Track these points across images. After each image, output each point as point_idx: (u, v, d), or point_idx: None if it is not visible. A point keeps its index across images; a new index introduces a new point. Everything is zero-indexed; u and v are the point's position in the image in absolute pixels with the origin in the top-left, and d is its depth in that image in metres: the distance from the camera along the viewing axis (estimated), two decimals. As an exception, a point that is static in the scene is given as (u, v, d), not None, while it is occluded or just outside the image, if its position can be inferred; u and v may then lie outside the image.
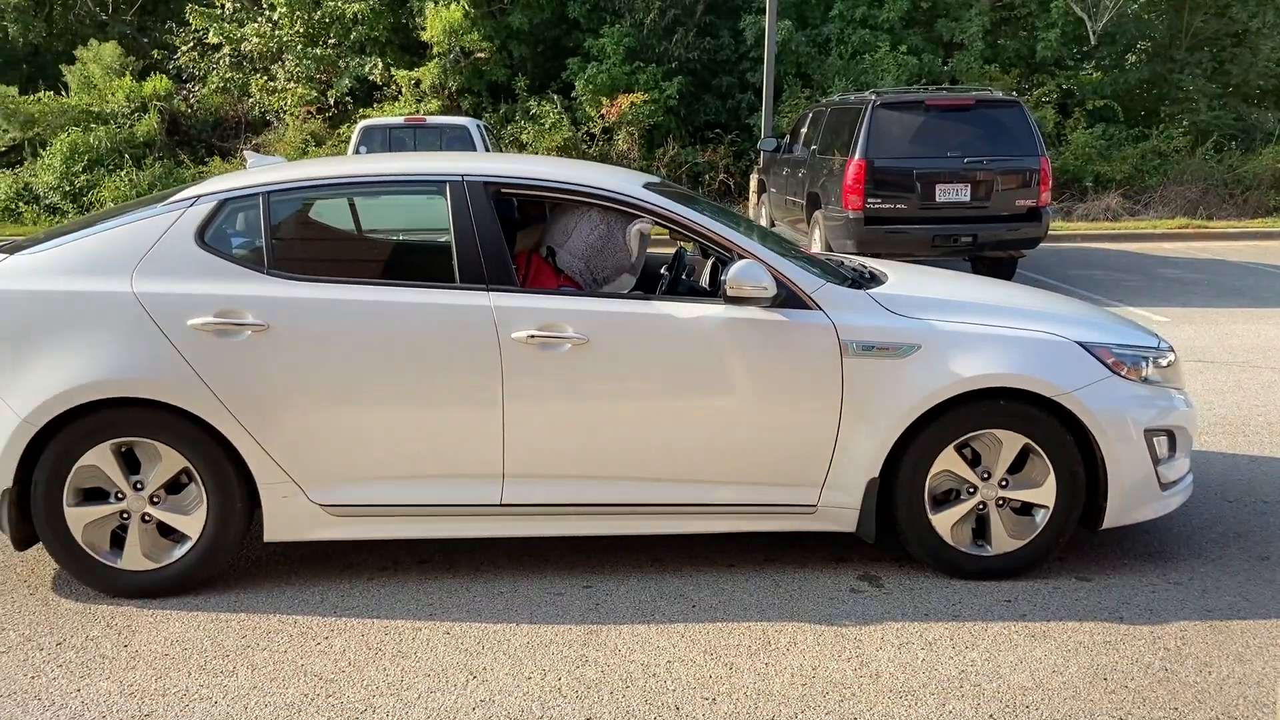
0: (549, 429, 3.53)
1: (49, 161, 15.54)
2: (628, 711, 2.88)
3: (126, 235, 3.56)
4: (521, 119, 16.38)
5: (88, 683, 3.03)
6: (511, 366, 3.47)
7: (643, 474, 3.58)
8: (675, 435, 3.56)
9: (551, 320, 3.48)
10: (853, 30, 17.26)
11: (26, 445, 3.41)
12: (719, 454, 3.58)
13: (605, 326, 3.51)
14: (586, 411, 3.53)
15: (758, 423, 3.56)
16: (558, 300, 3.54)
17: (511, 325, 3.47)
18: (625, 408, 3.54)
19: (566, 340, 3.47)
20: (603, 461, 3.56)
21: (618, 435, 3.54)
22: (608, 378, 3.52)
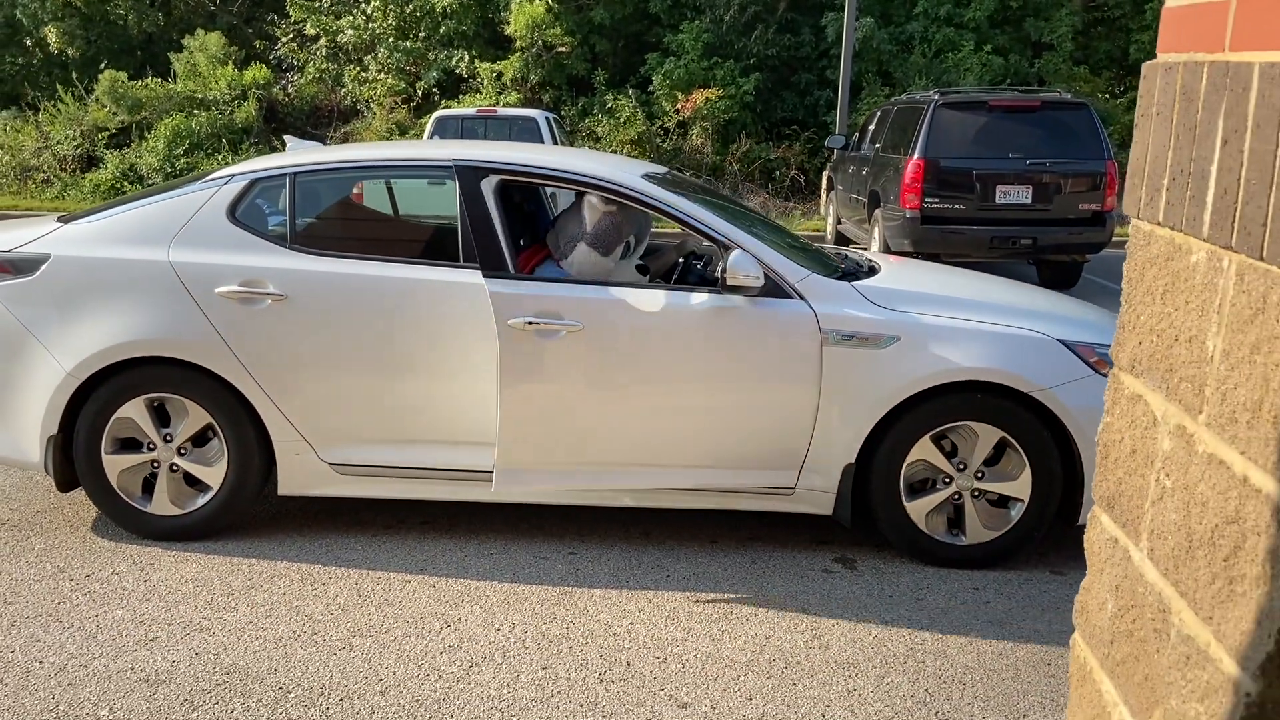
0: (541, 407, 3.68)
1: (153, 144, 16.38)
2: (582, 664, 3.07)
3: (167, 209, 3.89)
4: (598, 112, 16.65)
5: (105, 610, 3.35)
6: (508, 346, 3.61)
7: (628, 458, 3.73)
8: (660, 419, 3.70)
9: (548, 306, 3.64)
10: (937, 28, 17.05)
11: (70, 397, 3.77)
12: (702, 437, 3.72)
13: (597, 313, 3.65)
14: (575, 394, 3.67)
15: (740, 407, 3.69)
16: (555, 286, 3.73)
17: (509, 309, 3.60)
18: (612, 392, 3.68)
19: (562, 326, 3.64)
20: (589, 443, 3.69)
21: (604, 418, 3.69)
22: (598, 361, 3.66)
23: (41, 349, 3.76)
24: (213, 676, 2.97)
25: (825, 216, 13.74)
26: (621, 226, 4.07)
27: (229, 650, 3.12)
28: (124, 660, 3.05)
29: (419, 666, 3.04)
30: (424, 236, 4.50)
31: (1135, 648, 1.40)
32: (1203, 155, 1.22)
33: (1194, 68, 1.25)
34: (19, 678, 2.95)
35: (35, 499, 4.28)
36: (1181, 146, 1.28)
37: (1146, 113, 1.38)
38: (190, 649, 3.12)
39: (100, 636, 3.19)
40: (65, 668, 3.01)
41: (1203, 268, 1.22)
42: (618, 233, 4.06)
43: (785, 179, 16.06)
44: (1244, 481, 1.11)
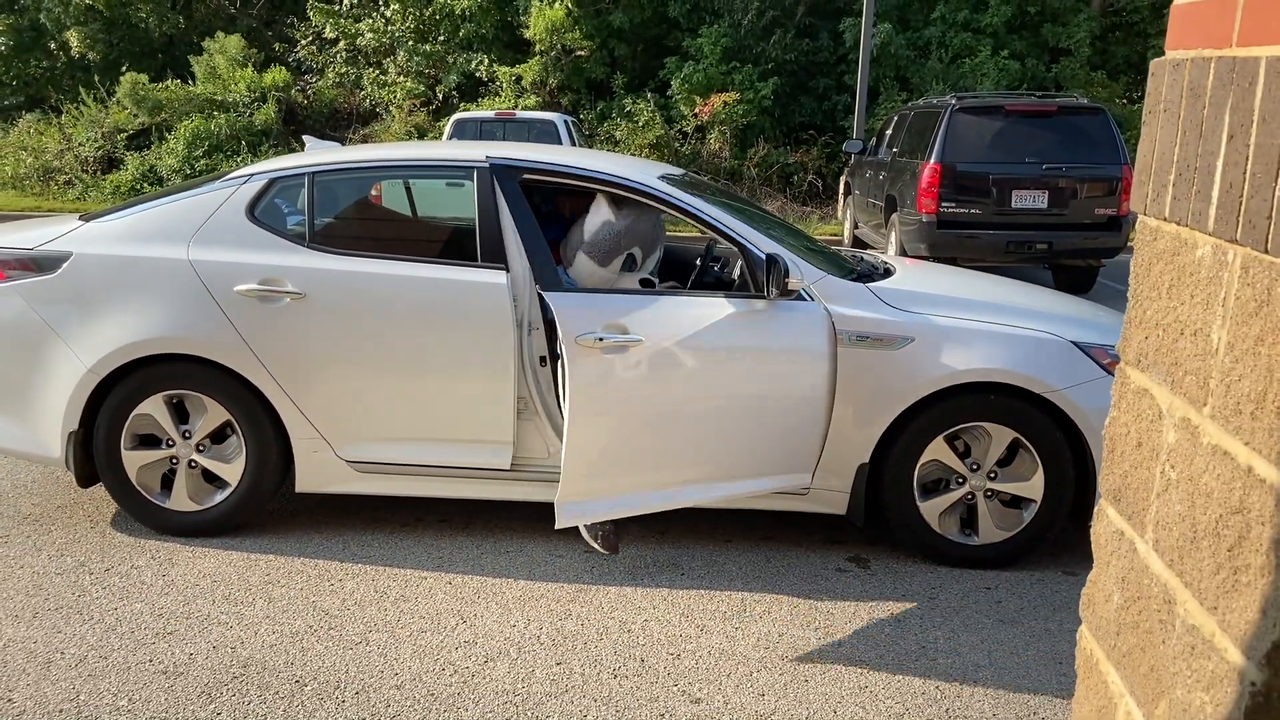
0: (608, 429, 3.47)
1: (173, 146, 16.53)
2: (596, 660, 3.09)
3: (186, 208, 3.94)
4: (617, 116, 16.69)
5: (124, 603, 3.40)
6: (578, 365, 3.37)
7: (681, 474, 3.60)
8: (706, 429, 3.57)
9: (613, 320, 3.49)
10: (954, 34, 17.02)
11: (91, 393, 3.82)
12: (737, 444, 3.60)
13: (654, 324, 3.52)
14: (641, 412, 3.50)
15: (763, 410, 3.63)
16: (615, 298, 3.60)
17: (578, 325, 3.40)
18: (670, 406, 3.54)
19: (627, 341, 3.49)
20: (649, 462, 3.54)
21: (662, 434, 3.54)
22: (658, 375, 3.52)
23: (63, 346, 3.81)
24: (230, 669, 3.01)
25: (842, 221, 13.73)
26: (621, 238, 3.97)
27: (246, 644, 3.15)
28: (143, 652, 3.09)
29: (434, 661, 3.07)
30: (442, 236, 4.54)
31: (1141, 639, 1.41)
32: (1209, 150, 1.23)
33: (1201, 63, 1.27)
34: (40, 668, 2.99)
35: (56, 494, 4.34)
36: (1188, 142, 1.29)
37: (1154, 109, 1.40)
38: (208, 642, 3.16)
39: (120, 629, 3.23)
40: (85, 659, 3.05)
41: (1208, 262, 1.24)
42: (616, 244, 3.99)
43: (803, 183, 16.05)
44: (1248, 472, 1.12)
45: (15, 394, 3.89)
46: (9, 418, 3.93)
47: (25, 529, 3.98)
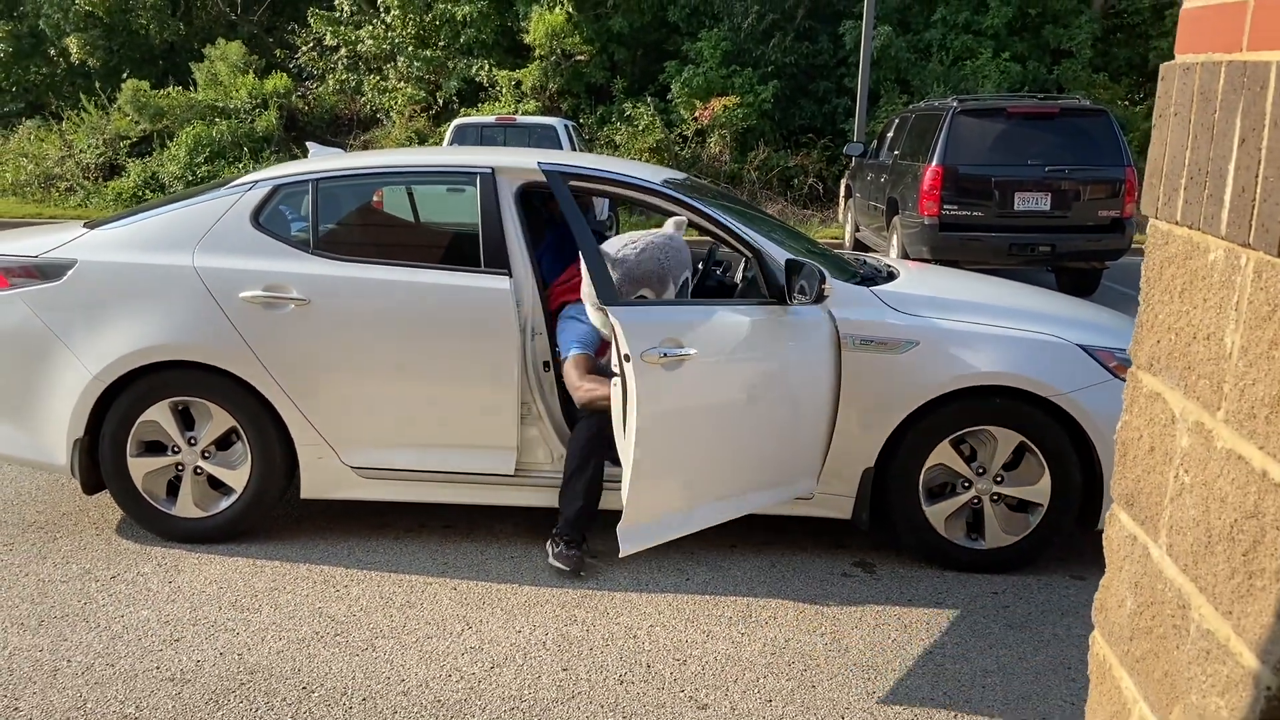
0: (670, 449, 3.34)
1: (175, 152, 16.55)
2: (601, 666, 3.09)
3: (191, 215, 3.94)
4: (617, 120, 16.71)
5: (131, 610, 3.40)
6: (644, 383, 3.23)
7: (728, 487, 3.53)
8: (744, 439, 3.50)
9: (670, 333, 3.33)
10: (955, 36, 17.03)
11: (96, 400, 3.82)
12: (763, 451, 3.55)
13: (705, 336, 3.41)
14: (699, 428, 3.39)
15: (776, 415, 3.57)
16: (670, 310, 3.47)
17: (642, 339, 3.24)
18: (720, 419, 3.45)
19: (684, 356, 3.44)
20: (703, 479, 3.46)
21: (714, 449, 3.45)
22: (712, 388, 3.43)
23: (68, 353, 3.81)
24: (237, 676, 3.00)
25: (843, 224, 13.74)
26: (623, 284, 3.53)
27: (253, 650, 3.15)
28: (150, 660, 3.09)
29: (440, 667, 3.07)
30: (445, 242, 4.54)
31: (1155, 644, 1.40)
32: (1220, 154, 1.23)
33: (1212, 68, 1.27)
34: (47, 676, 2.99)
35: (61, 501, 4.34)
36: (1199, 146, 1.29)
37: (1164, 113, 1.40)
38: (215, 649, 3.16)
39: (126, 636, 3.23)
40: (92, 666, 3.05)
41: (1220, 265, 1.24)
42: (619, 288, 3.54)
43: (803, 186, 16.06)
44: (1263, 476, 1.12)
45: (20, 401, 3.89)
46: (14, 425, 3.93)
47: (30, 536, 3.98)
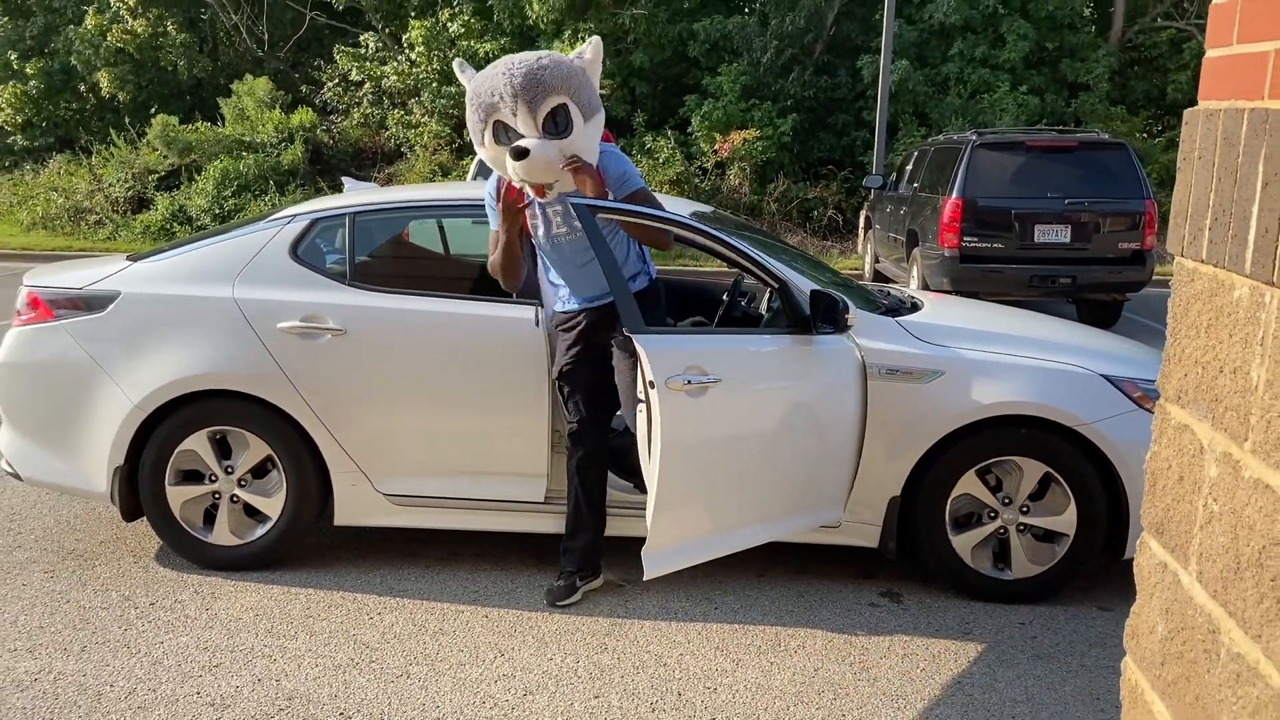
0: (694, 475, 3.38)
1: (202, 186, 16.82)
2: (633, 693, 3.13)
3: (231, 248, 4.05)
4: (637, 153, 16.88)
5: (170, 637, 3.46)
6: (669, 409, 3.27)
7: (752, 514, 3.58)
8: (767, 467, 3.55)
9: (694, 361, 3.36)
10: (972, 70, 17.15)
11: (137, 429, 3.91)
12: (787, 479, 3.59)
13: (729, 363, 3.46)
14: (722, 455, 3.44)
15: (798, 446, 3.62)
16: (694, 339, 3.57)
17: (666, 367, 3.29)
18: (743, 446, 3.49)
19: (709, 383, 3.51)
20: (728, 505, 3.51)
21: (737, 475, 3.50)
22: (736, 415, 3.48)
23: (110, 383, 3.91)
24: (276, 702, 3.06)
25: (863, 255, 13.81)
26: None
27: (290, 676, 3.21)
28: (190, 685, 3.15)
29: (474, 694, 3.12)
30: (475, 273, 4.63)
31: (1186, 668, 1.44)
32: (1244, 197, 1.29)
33: (1235, 114, 1.33)
34: (91, 701, 3.05)
35: (99, 530, 4.42)
36: (1223, 188, 1.35)
37: (1189, 156, 1.46)
38: (253, 675, 3.22)
39: (166, 662, 3.29)
40: (135, 692, 3.11)
41: (1246, 302, 1.29)
42: None
43: (823, 218, 16.16)
44: (1290, 504, 1.17)
45: (63, 430, 3.99)
46: (56, 453, 4.03)
47: (70, 564, 4.06)
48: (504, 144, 3.34)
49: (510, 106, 3.29)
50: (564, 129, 3.34)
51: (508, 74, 3.28)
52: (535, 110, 3.28)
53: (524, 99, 3.26)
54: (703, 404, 3.33)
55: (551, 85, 3.28)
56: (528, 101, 3.26)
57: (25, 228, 17.32)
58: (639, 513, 3.73)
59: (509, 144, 3.31)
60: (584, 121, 3.37)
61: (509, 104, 3.28)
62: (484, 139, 3.39)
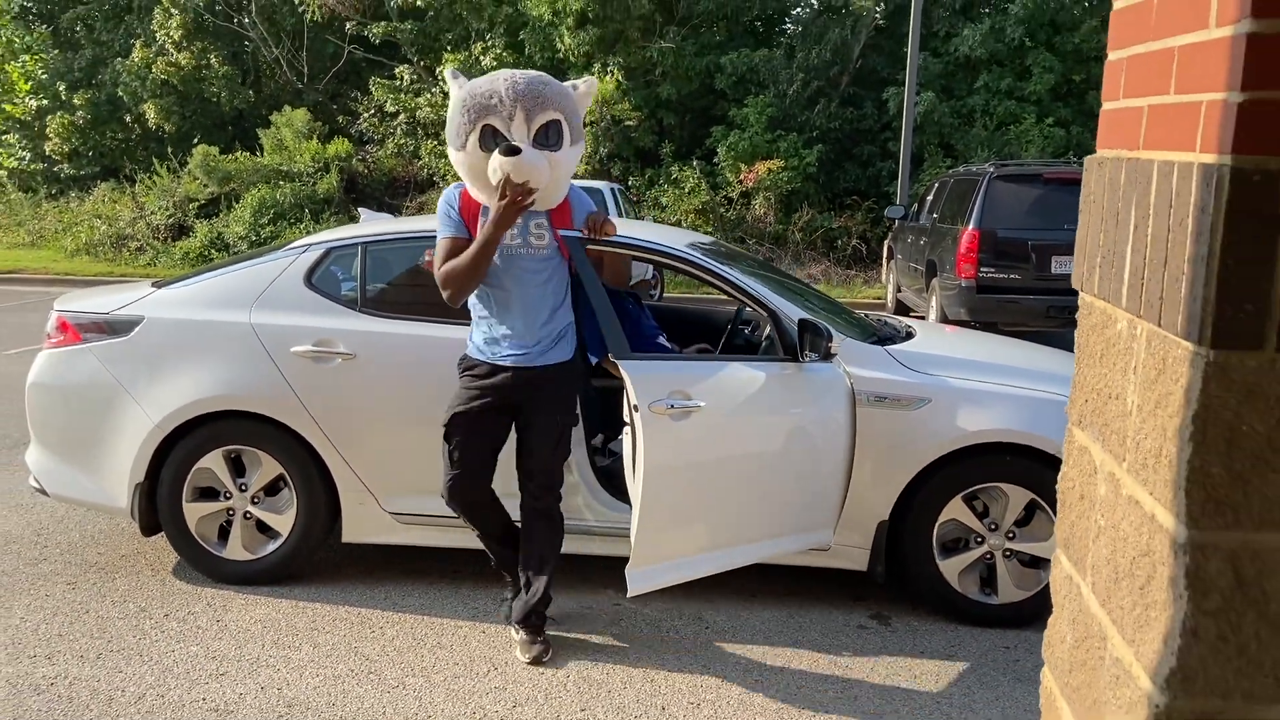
0: (676, 495, 3.54)
1: (240, 214, 17.25)
2: (619, 708, 3.24)
3: (250, 275, 4.25)
4: (664, 183, 17.10)
5: (181, 646, 3.63)
6: (652, 432, 3.43)
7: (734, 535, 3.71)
8: (753, 491, 3.68)
9: (678, 385, 3.56)
10: (998, 102, 17.24)
11: (157, 447, 4.09)
12: (774, 503, 3.71)
13: (713, 389, 3.61)
14: (704, 477, 3.58)
15: (787, 469, 3.74)
16: (679, 364, 3.74)
17: (650, 391, 3.46)
18: (727, 469, 3.63)
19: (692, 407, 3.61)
20: (709, 526, 3.65)
21: (719, 498, 3.63)
22: (718, 439, 3.62)
23: (133, 403, 4.10)
24: (276, 709, 3.21)
25: (886, 285, 13.88)
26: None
27: (292, 685, 3.35)
28: (197, 691, 3.31)
29: (466, 705, 3.24)
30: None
31: (1088, 675, 1.55)
32: (1121, 237, 1.41)
33: (1117, 163, 1.45)
34: (102, 704, 3.21)
35: (121, 544, 4.61)
36: (1108, 229, 1.47)
37: (1087, 199, 1.58)
38: (257, 683, 3.36)
39: (176, 670, 3.45)
40: (144, 697, 3.27)
41: (1124, 334, 1.41)
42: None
43: (846, 248, 16.26)
44: (1152, 519, 1.29)
45: (88, 448, 4.18)
46: (81, 470, 4.22)
47: (92, 576, 4.24)
48: (488, 149, 3.32)
49: (508, 110, 3.31)
50: (554, 143, 3.37)
51: (509, 81, 3.36)
52: (531, 118, 3.32)
53: (524, 105, 3.31)
54: (685, 427, 3.47)
55: (550, 99, 3.38)
56: (526, 108, 3.31)
57: (69, 253, 17.83)
58: (620, 534, 3.88)
59: (494, 148, 3.30)
60: (570, 143, 3.45)
61: (507, 107, 3.31)
62: (467, 142, 3.35)
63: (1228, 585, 1.20)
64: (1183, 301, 1.20)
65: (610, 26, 17.71)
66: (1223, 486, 1.18)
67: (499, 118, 3.32)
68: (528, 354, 3.51)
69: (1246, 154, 1.11)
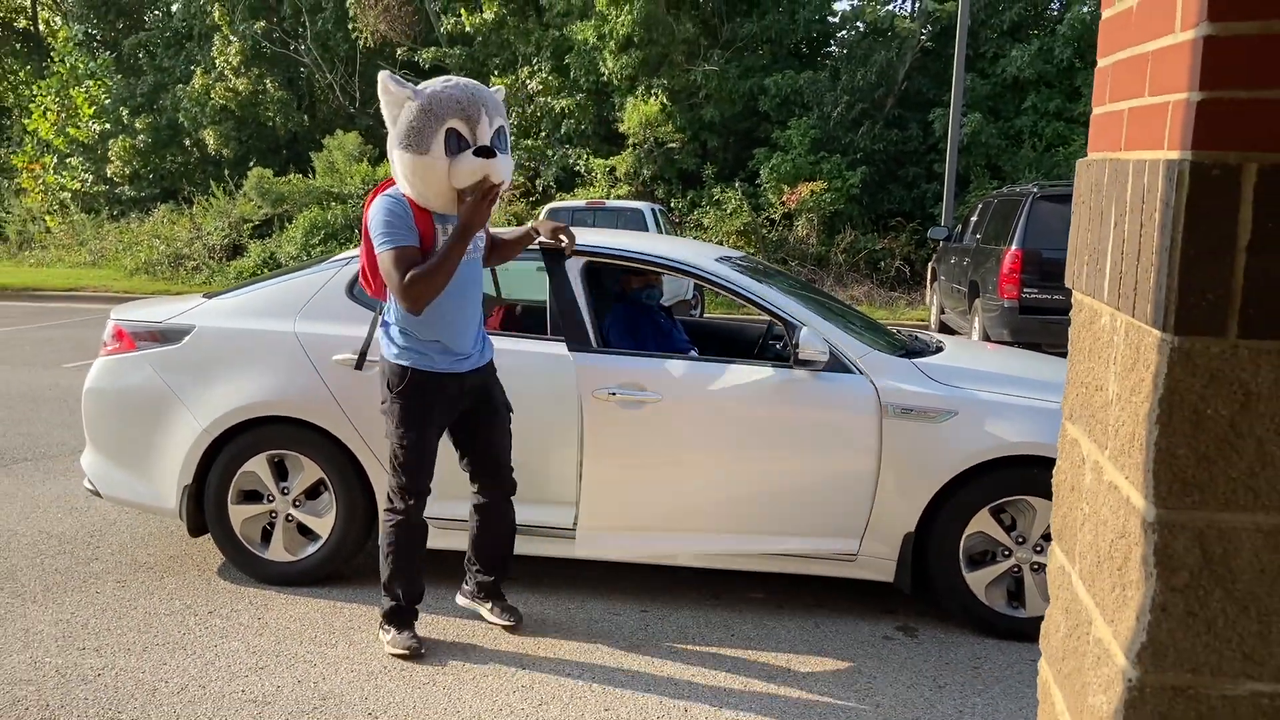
0: (620, 474, 4.00)
1: (292, 234, 17.69)
2: (642, 708, 3.31)
3: (295, 287, 4.41)
4: (706, 204, 17.23)
5: (223, 642, 3.76)
6: (592, 415, 3.96)
7: (701, 523, 4.00)
8: (733, 485, 3.95)
9: (630, 379, 3.98)
10: (1046, 123, 17.17)
11: (205, 451, 4.25)
12: (772, 502, 3.95)
13: (674, 385, 3.99)
14: (654, 461, 3.99)
15: (805, 474, 3.92)
16: (636, 360, 4.07)
17: (593, 381, 3.96)
18: (687, 459, 3.99)
19: (643, 399, 3.96)
20: (663, 506, 4.00)
21: (679, 484, 3.98)
22: (674, 430, 3.98)
23: (183, 408, 4.27)
24: (311, 701, 3.32)
25: (929, 306, 13.83)
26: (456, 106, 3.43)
27: (327, 679, 3.46)
28: (237, 684, 3.43)
29: (493, 702, 3.33)
30: (516, 312, 4.91)
31: (1078, 661, 1.59)
32: (1103, 235, 1.47)
33: (1101, 165, 1.52)
34: (147, 694, 3.35)
35: (170, 545, 4.77)
36: (1093, 228, 1.53)
37: (1077, 201, 1.64)
38: (294, 677, 3.48)
39: (218, 664, 3.58)
40: (186, 688, 3.40)
41: (1107, 327, 1.47)
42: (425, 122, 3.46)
43: (890, 269, 16.23)
44: (1127, 501, 1.34)
45: (141, 452, 4.35)
46: (133, 473, 4.39)
47: (141, 575, 4.40)
48: (451, 153, 3.35)
49: (475, 113, 3.36)
50: (504, 147, 3.50)
51: (467, 86, 3.44)
52: (494, 122, 3.42)
53: (487, 109, 3.40)
54: (635, 416, 3.96)
55: (501, 105, 3.55)
56: (489, 113, 3.40)
57: (129, 272, 18.38)
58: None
59: (457, 151, 3.35)
60: (508, 150, 3.62)
61: (474, 111, 3.36)
62: (430, 146, 3.33)
63: (1195, 563, 1.25)
64: (1151, 291, 1.26)
65: (655, 50, 17.93)
66: (1189, 468, 1.24)
67: (465, 121, 3.34)
68: (480, 354, 3.73)
69: (1205, 150, 1.18)
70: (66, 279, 17.78)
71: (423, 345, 3.57)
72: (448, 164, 3.35)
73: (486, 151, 3.36)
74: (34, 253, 21.55)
